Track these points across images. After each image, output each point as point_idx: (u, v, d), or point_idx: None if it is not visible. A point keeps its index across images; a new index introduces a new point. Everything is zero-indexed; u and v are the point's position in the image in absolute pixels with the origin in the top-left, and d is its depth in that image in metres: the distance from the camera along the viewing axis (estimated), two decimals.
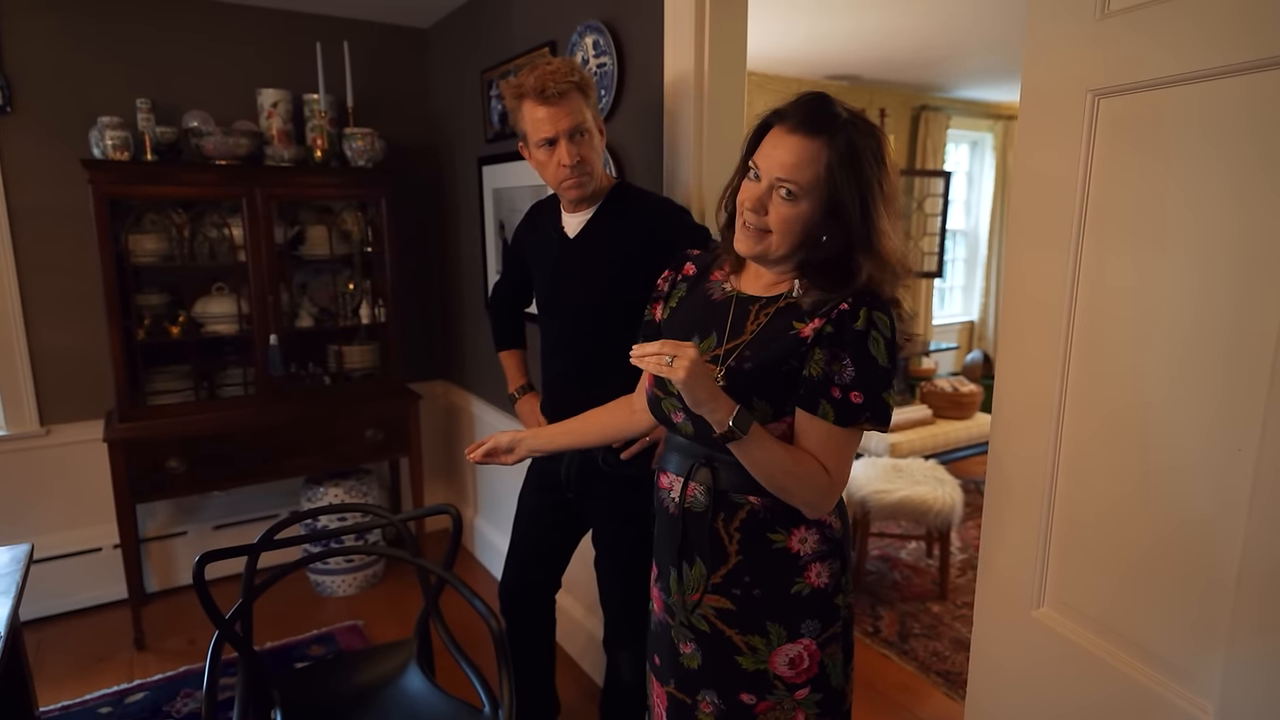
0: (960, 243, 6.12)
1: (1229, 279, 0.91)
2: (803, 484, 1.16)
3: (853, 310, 1.13)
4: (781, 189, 1.13)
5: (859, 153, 1.11)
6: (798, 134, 1.12)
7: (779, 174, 1.13)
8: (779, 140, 1.14)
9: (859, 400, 1.14)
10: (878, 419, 1.16)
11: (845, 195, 1.11)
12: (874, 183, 1.12)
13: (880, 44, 3.86)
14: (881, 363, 1.13)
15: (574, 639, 2.66)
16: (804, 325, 1.16)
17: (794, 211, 1.13)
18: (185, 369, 2.96)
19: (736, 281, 1.29)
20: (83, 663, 2.68)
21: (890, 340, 1.14)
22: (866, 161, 1.12)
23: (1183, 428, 0.97)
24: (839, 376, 1.14)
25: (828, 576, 1.24)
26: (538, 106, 1.59)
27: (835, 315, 1.14)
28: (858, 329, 1.12)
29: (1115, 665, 1.07)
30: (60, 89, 2.78)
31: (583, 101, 1.61)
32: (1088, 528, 1.10)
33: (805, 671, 1.24)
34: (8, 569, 1.68)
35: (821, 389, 1.14)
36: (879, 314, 1.13)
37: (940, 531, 3.23)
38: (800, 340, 1.15)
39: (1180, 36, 0.94)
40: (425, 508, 1.91)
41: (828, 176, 1.12)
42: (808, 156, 1.11)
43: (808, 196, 1.13)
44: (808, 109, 1.13)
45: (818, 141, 1.11)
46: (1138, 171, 1.00)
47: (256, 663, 1.72)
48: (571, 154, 1.60)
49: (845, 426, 1.15)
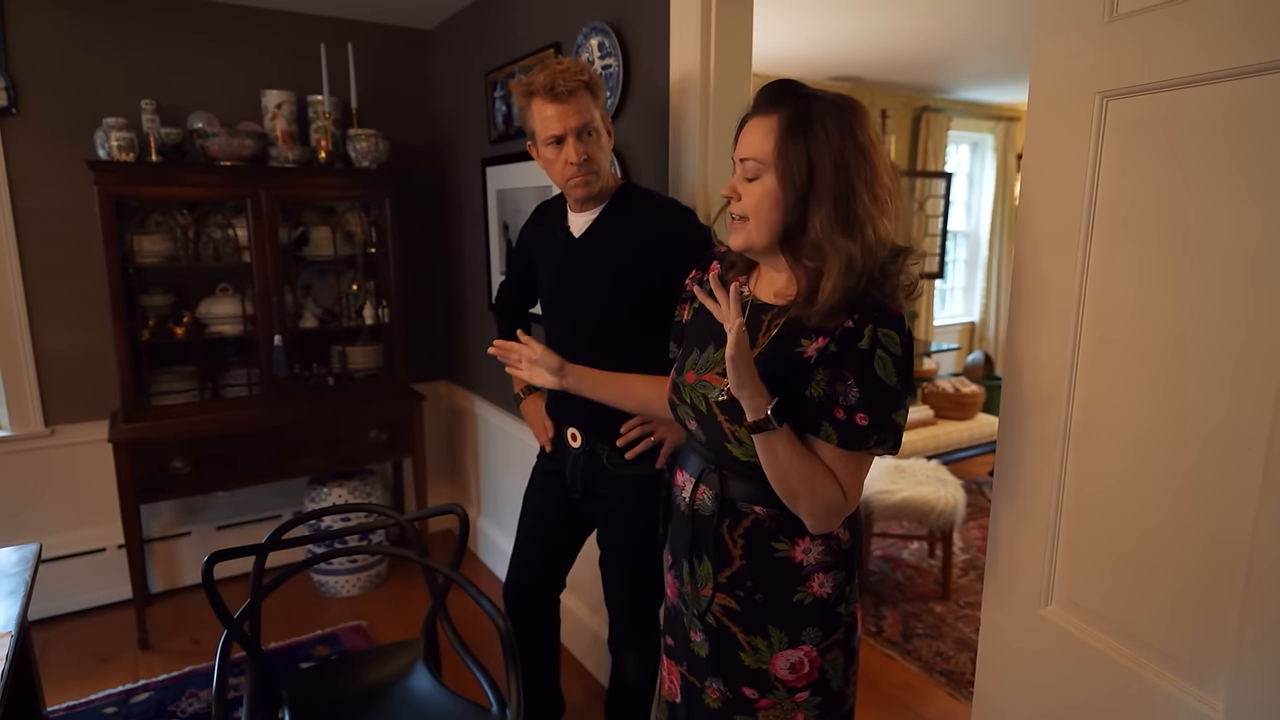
0: (961, 244, 6.13)
1: (1236, 281, 0.92)
2: (815, 495, 1.12)
3: (857, 328, 1.08)
4: (746, 169, 1.15)
5: (810, 119, 1.09)
6: (758, 114, 1.15)
7: (741, 154, 1.15)
8: (746, 128, 1.17)
9: (864, 423, 1.10)
10: (886, 442, 1.12)
11: (792, 163, 1.09)
12: (825, 151, 1.08)
13: (883, 45, 3.87)
14: (889, 383, 1.09)
15: (579, 639, 2.66)
16: (809, 344, 1.12)
17: (760, 189, 1.13)
18: (190, 369, 2.96)
19: (752, 286, 1.27)
20: (87, 663, 2.69)
21: (900, 358, 1.09)
22: (820, 128, 1.08)
23: (1191, 427, 0.98)
24: (844, 398, 1.10)
25: (831, 587, 1.23)
26: (547, 104, 1.60)
27: (840, 334, 1.09)
28: (862, 348, 1.08)
29: (1124, 663, 1.07)
30: (66, 90, 2.78)
31: (591, 100, 1.62)
32: (1096, 526, 1.11)
33: (805, 676, 1.25)
34: (16, 568, 1.68)
35: (824, 411, 1.11)
36: (886, 331, 1.08)
37: (943, 532, 3.23)
38: (804, 360, 1.12)
39: (1189, 39, 0.94)
40: (433, 508, 1.91)
41: (778, 145, 1.10)
42: (763, 130, 1.13)
43: (767, 170, 1.12)
44: (769, 90, 1.15)
45: (773, 116, 1.12)
46: (1146, 173, 1.01)
47: (264, 661, 1.72)
48: (579, 152, 1.61)
49: (850, 450, 1.12)
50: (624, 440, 1.71)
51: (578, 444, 1.81)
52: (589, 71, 1.62)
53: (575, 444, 1.81)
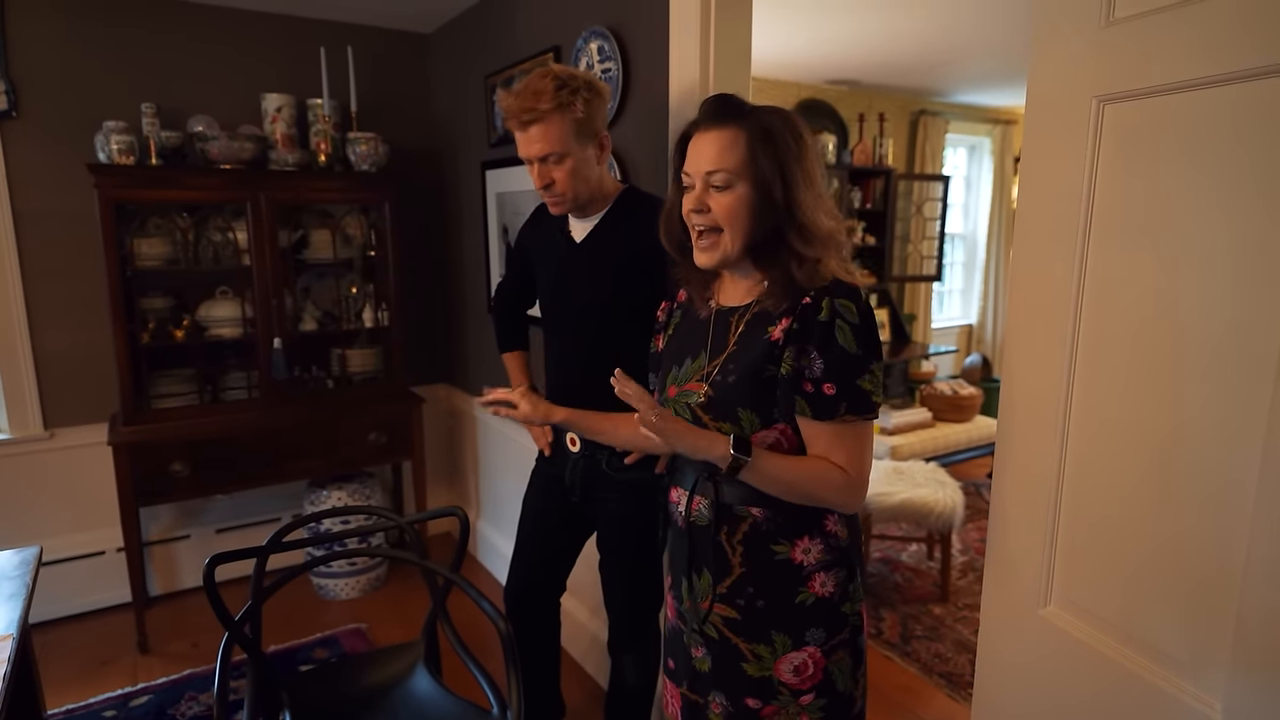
0: (959, 246, 6.14)
1: (1233, 284, 0.93)
2: (822, 486, 1.18)
3: (814, 303, 1.15)
4: (714, 180, 1.19)
5: (773, 130, 1.17)
6: (714, 128, 1.20)
7: (707, 167, 1.19)
8: (699, 141, 1.21)
9: (831, 391, 1.15)
10: (857, 409, 1.16)
11: (767, 171, 1.16)
12: (791, 158, 1.17)
13: (880, 48, 3.88)
14: (851, 350, 1.14)
15: (578, 641, 2.66)
16: (774, 328, 1.19)
17: (733, 198, 1.18)
18: (189, 372, 2.96)
19: (718, 296, 1.33)
20: (87, 666, 2.69)
21: (859, 326, 1.15)
22: (782, 138, 1.17)
23: (1188, 427, 0.98)
24: (809, 370, 1.16)
25: (833, 586, 1.24)
26: (514, 128, 1.64)
27: (799, 311, 1.16)
28: (821, 320, 1.14)
29: (1123, 663, 1.08)
30: (66, 93, 2.79)
31: (560, 125, 1.59)
32: (1095, 526, 1.12)
33: (810, 678, 1.25)
34: (17, 571, 1.68)
35: (794, 385, 1.17)
36: (842, 301, 1.15)
37: (941, 534, 3.24)
38: (773, 344, 1.18)
39: (1185, 43, 0.95)
40: (433, 510, 1.92)
41: (750, 156, 1.17)
42: (727, 143, 1.18)
43: (740, 179, 1.18)
44: (714, 105, 1.22)
45: (733, 128, 1.18)
46: (1143, 177, 1.02)
47: (265, 664, 1.72)
48: (543, 177, 1.65)
49: (825, 421, 1.16)
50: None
51: (577, 448, 1.81)
52: (558, 94, 1.57)
53: (574, 448, 1.81)
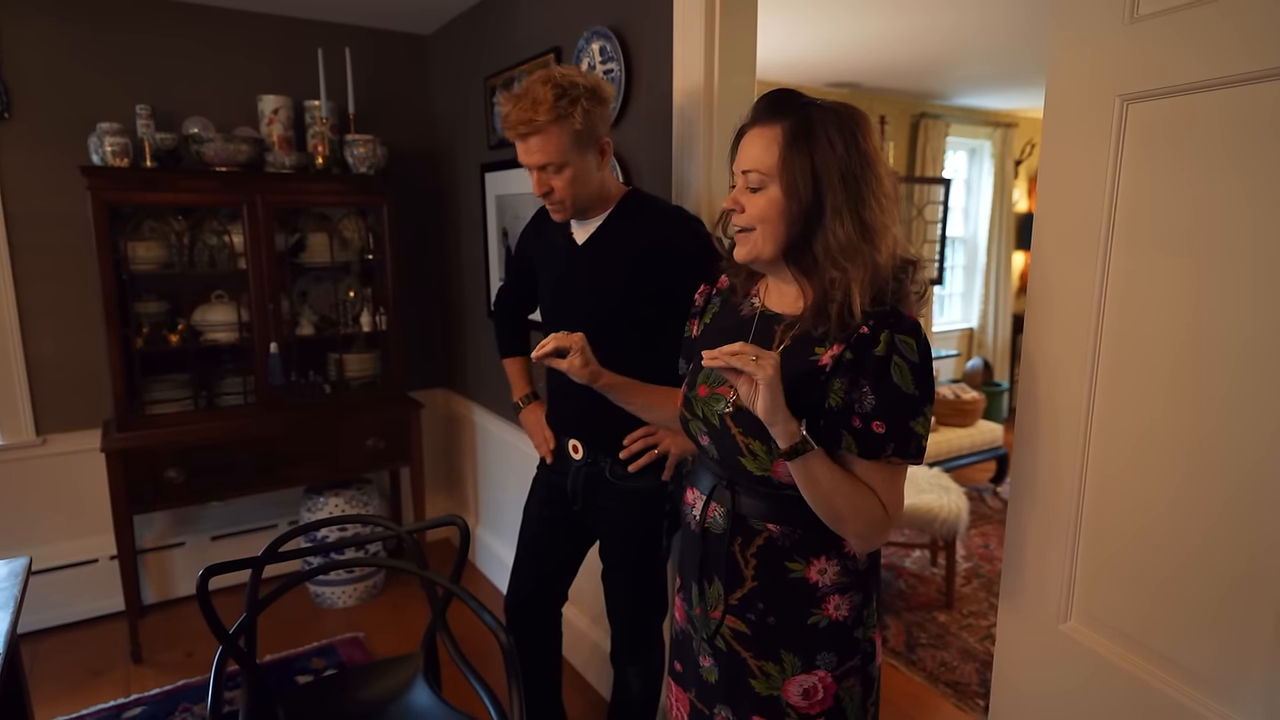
0: (959, 250, 6.12)
1: (1266, 288, 0.89)
2: (859, 512, 1.09)
3: (872, 334, 1.07)
4: (750, 180, 1.13)
5: (813, 128, 1.08)
6: (758, 125, 1.14)
7: (744, 166, 1.14)
8: (745, 139, 1.16)
9: (880, 430, 1.07)
10: (903, 452, 1.08)
11: (797, 172, 1.08)
12: (829, 160, 1.07)
13: (881, 50, 3.86)
14: (906, 390, 1.06)
15: (578, 650, 2.62)
16: (824, 352, 1.10)
17: (764, 200, 1.12)
18: (184, 378, 2.92)
19: (764, 297, 1.25)
20: (78, 677, 2.64)
21: (917, 364, 1.07)
22: (823, 137, 1.08)
23: (1218, 436, 0.95)
24: (859, 405, 1.08)
25: (848, 609, 1.19)
26: (513, 139, 1.61)
27: (854, 340, 1.08)
28: (878, 355, 1.06)
29: (1149, 681, 1.04)
30: (59, 95, 2.75)
31: (559, 137, 1.56)
32: (1119, 538, 1.08)
33: (819, 703, 1.20)
34: (5, 583, 1.64)
35: (842, 420, 1.09)
36: (902, 337, 1.06)
37: (945, 540, 3.20)
38: (819, 369, 1.10)
39: (1212, 40, 0.92)
40: (433, 519, 1.88)
41: (782, 156, 1.09)
42: (766, 142, 1.12)
43: (772, 180, 1.11)
44: (765, 101, 1.15)
45: (775, 126, 1.11)
46: (1170, 178, 0.99)
47: (260, 678, 1.68)
48: (542, 185, 1.62)
49: (869, 460, 1.09)
50: (627, 452, 1.68)
51: (579, 456, 1.77)
52: (551, 108, 1.53)
53: (577, 455, 1.78)
